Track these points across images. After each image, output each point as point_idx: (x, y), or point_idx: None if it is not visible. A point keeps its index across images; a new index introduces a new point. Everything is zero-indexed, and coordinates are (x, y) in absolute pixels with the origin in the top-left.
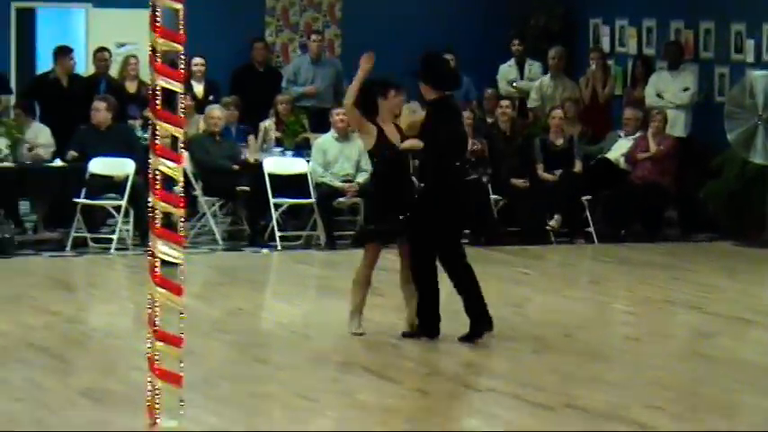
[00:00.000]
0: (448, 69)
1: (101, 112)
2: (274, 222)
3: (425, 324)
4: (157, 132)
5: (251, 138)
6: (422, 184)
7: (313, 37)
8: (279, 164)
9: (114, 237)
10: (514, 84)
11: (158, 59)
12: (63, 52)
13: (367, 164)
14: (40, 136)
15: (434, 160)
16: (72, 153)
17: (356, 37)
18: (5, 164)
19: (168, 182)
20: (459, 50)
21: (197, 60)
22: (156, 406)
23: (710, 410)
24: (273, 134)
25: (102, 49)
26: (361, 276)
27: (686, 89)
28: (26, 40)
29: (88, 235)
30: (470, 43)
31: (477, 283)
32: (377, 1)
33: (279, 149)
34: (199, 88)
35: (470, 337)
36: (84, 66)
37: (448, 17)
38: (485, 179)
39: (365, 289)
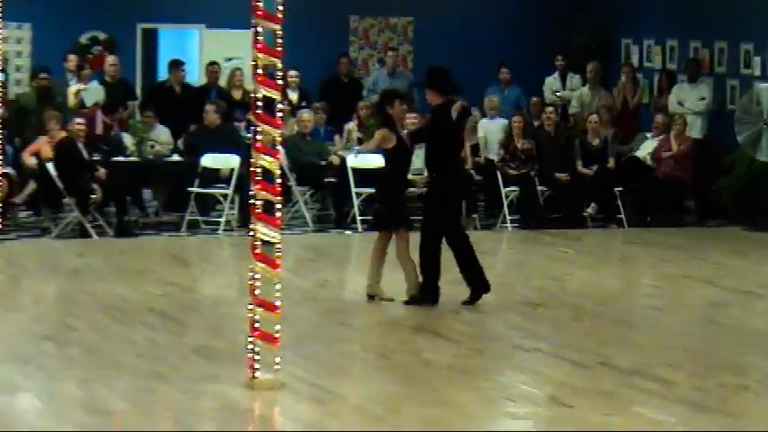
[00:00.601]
0: (449, 79)
1: (211, 114)
2: (356, 208)
3: (431, 293)
4: (259, 133)
5: (336, 137)
6: (433, 174)
7: (389, 53)
8: (360, 160)
9: (222, 220)
10: (558, 93)
11: (260, 72)
12: (176, 65)
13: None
14: (161, 135)
15: (440, 154)
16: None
17: (425, 53)
18: (132, 158)
19: (267, 174)
20: (512, 65)
21: (292, 72)
22: (256, 362)
23: (722, 369)
24: (355, 135)
25: (213, 63)
26: (379, 251)
27: (703, 98)
28: (150, 55)
29: (200, 218)
30: (521, 59)
31: (474, 254)
32: (443, 24)
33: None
34: (293, 96)
35: (471, 301)
36: (197, 77)
37: (502, 37)
38: (533, 173)
39: (381, 260)
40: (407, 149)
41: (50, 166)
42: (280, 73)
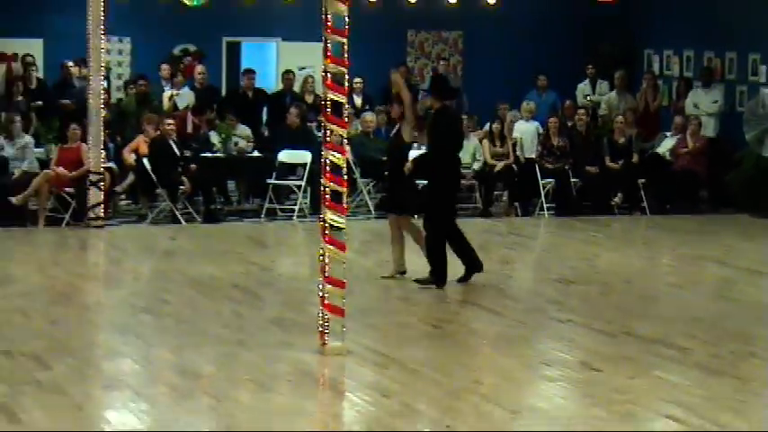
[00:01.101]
0: (448, 86)
1: (292, 116)
2: None
3: (440, 276)
4: (328, 132)
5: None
6: (435, 169)
7: (441, 62)
8: (416, 154)
9: (296, 208)
10: (588, 97)
11: (329, 79)
12: (247, 73)
13: (480, 155)
14: (243, 134)
15: (441, 153)
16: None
17: (473, 62)
18: (218, 154)
19: (335, 168)
20: (548, 73)
21: (357, 79)
22: (326, 331)
23: (733, 339)
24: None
25: (288, 71)
26: (397, 236)
27: (715, 102)
28: (233, 65)
29: (277, 206)
30: (557, 67)
31: (466, 238)
32: (488, 37)
33: (416, 145)
34: (358, 100)
35: (465, 278)
36: (274, 83)
37: (540, 48)
38: (567, 167)
39: (401, 244)
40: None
41: (146, 162)
42: (346, 80)
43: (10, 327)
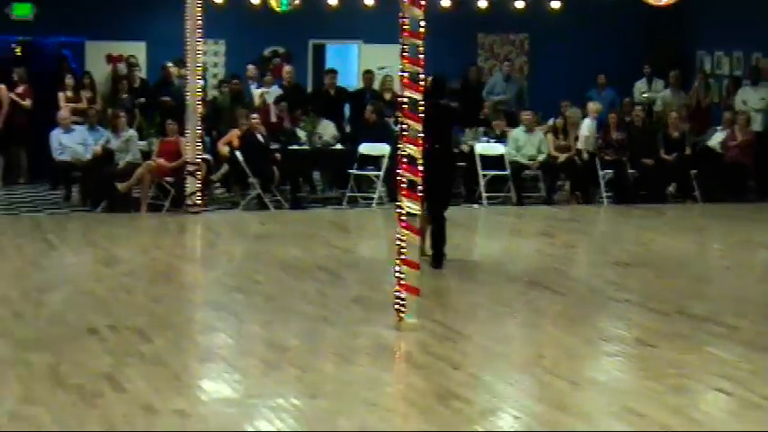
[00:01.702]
0: (443, 86)
1: (369, 113)
2: (482, 187)
3: (440, 258)
4: (405, 127)
5: (467, 130)
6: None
7: (505, 63)
8: (486, 148)
9: (375, 196)
10: (645, 94)
11: (406, 78)
12: (329, 72)
13: (545, 148)
14: (327, 129)
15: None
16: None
17: (538, 63)
18: (304, 147)
19: (411, 159)
20: (607, 72)
21: (430, 78)
22: (402, 309)
23: None
24: (481, 128)
25: (368, 71)
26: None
27: (763, 99)
28: (319, 66)
29: (358, 194)
30: (616, 67)
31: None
32: (552, 39)
33: (485, 138)
34: None
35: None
36: (356, 82)
37: (600, 49)
38: (624, 159)
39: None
40: None
41: (239, 153)
42: (422, 79)
43: (116, 303)
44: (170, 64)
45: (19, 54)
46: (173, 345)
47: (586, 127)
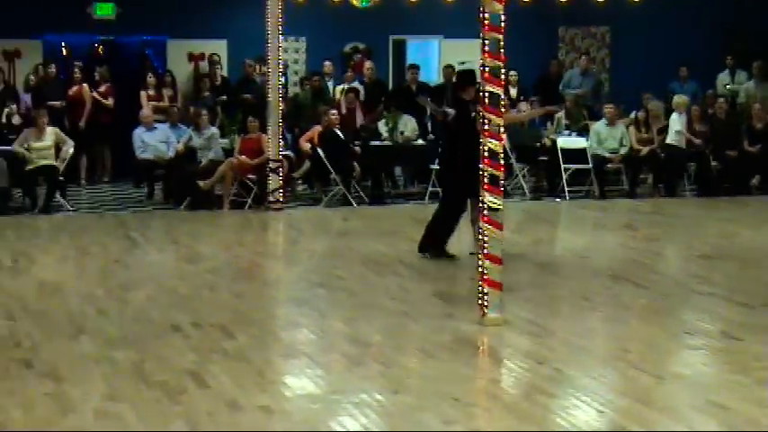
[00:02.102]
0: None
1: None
2: (564, 181)
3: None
4: (486, 121)
5: (548, 124)
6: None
7: (582, 57)
8: (567, 141)
9: None
10: (728, 86)
11: (487, 72)
12: (410, 68)
13: (627, 141)
14: (408, 124)
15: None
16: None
17: (620, 56)
18: (386, 142)
19: (493, 154)
20: (690, 64)
21: (512, 72)
22: (485, 303)
23: None
24: (563, 121)
25: (448, 65)
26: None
27: None
28: (399, 61)
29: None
30: (698, 59)
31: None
32: (633, 32)
33: (567, 132)
34: (513, 91)
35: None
36: (436, 77)
37: (682, 42)
38: (707, 151)
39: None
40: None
41: (320, 150)
42: (502, 73)
43: (199, 300)
44: (250, 61)
45: (101, 53)
46: (256, 341)
47: (676, 122)
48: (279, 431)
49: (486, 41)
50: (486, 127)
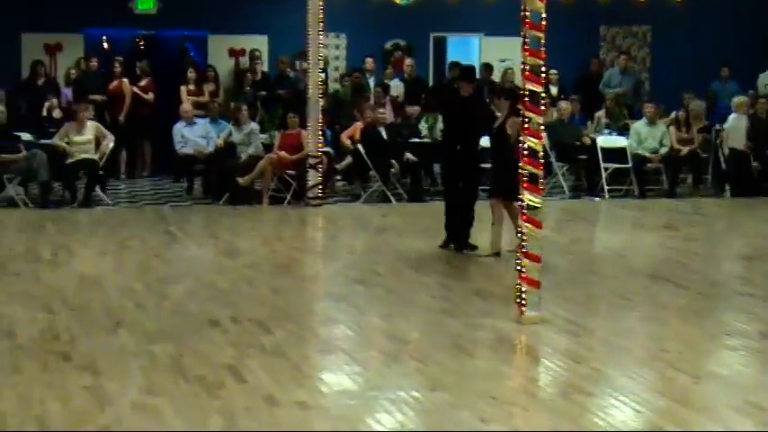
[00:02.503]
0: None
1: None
2: (603, 180)
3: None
4: (526, 119)
5: (588, 123)
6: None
7: (621, 56)
8: (607, 141)
9: None
10: None
11: (527, 71)
12: (453, 65)
13: (667, 140)
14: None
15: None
16: None
17: (661, 55)
18: (425, 140)
19: (533, 152)
20: (731, 64)
21: (553, 71)
22: (523, 302)
23: None
24: (604, 120)
25: (487, 64)
26: (499, 218)
27: None
28: (440, 59)
29: (480, 187)
30: (740, 59)
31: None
32: (675, 31)
33: (607, 131)
34: (554, 90)
35: (444, 245)
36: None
37: (723, 42)
38: (748, 151)
39: (501, 226)
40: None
41: (360, 146)
42: (543, 71)
43: (237, 295)
44: (283, 58)
45: (142, 48)
46: (294, 336)
47: (737, 122)
48: (316, 428)
49: (527, 39)
50: (527, 125)
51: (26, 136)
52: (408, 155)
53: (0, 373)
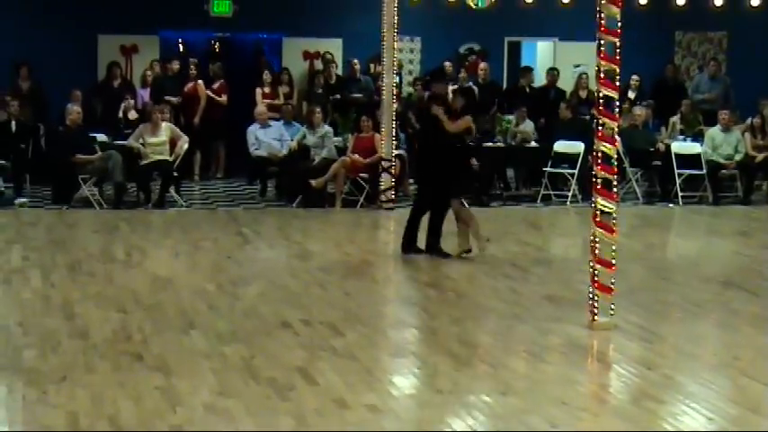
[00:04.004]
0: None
1: (563, 110)
2: (677, 186)
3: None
4: (600, 125)
5: (663, 129)
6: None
7: (711, 62)
8: (682, 147)
9: (569, 194)
10: None
11: (602, 76)
12: (525, 70)
13: (742, 147)
14: (526, 126)
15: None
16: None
17: (737, 61)
18: (499, 144)
19: (606, 158)
20: None
21: (634, 77)
22: (595, 308)
23: None
24: (678, 126)
25: (552, 68)
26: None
27: None
28: (514, 63)
29: (552, 192)
30: None
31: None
32: (751, 37)
33: (681, 137)
34: (631, 95)
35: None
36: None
37: None
38: None
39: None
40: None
41: None
42: (617, 77)
43: (309, 297)
44: (355, 61)
45: (217, 50)
46: (365, 339)
47: None
48: (386, 430)
49: (602, 44)
50: (601, 130)
51: (101, 137)
52: (473, 160)
53: (73, 372)
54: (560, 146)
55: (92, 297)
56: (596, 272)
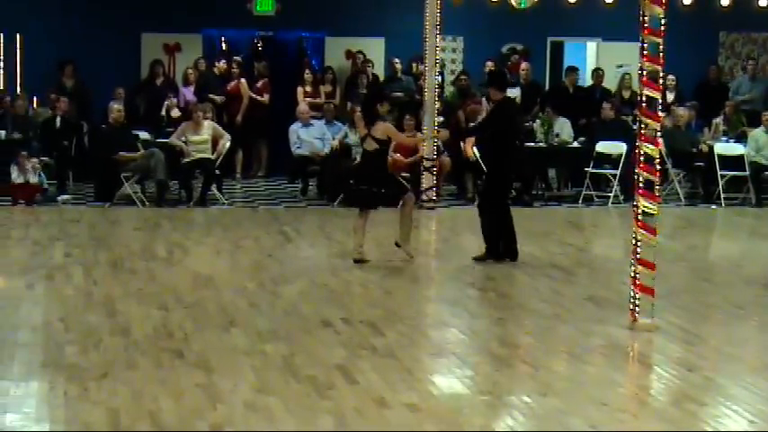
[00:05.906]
0: (506, 79)
1: (607, 110)
2: (720, 187)
3: (494, 252)
4: (643, 125)
5: (705, 130)
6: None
7: (750, 62)
8: (725, 148)
9: (611, 195)
10: None
11: (645, 76)
12: (570, 70)
13: None
14: (564, 127)
15: (500, 142)
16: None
17: None
18: (540, 144)
19: (649, 159)
20: None
21: (670, 77)
22: (636, 309)
23: None
24: (721, 127)
25: (598, 68)
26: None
27: None
28: (557, 63)
29: (593, 193)
30: None
31: (511, 225)
32: None
33: (725, 138)
34: (671, 96)
35: (481, 258)
36: (593, 80)
37: None
38: None
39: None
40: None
41: (476, 150)
42: (661, 77)
43: (350, 296)
44: (396, 60)
45: (260, 49)
46: (405, 339)
47: None
48: (426, 430)
49: (645, 45)
50: (643, 131)
51: (144, 135)
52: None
53: (114, 369)
54: (602, 146)
55: (133, 294)
56: (638, 273)
